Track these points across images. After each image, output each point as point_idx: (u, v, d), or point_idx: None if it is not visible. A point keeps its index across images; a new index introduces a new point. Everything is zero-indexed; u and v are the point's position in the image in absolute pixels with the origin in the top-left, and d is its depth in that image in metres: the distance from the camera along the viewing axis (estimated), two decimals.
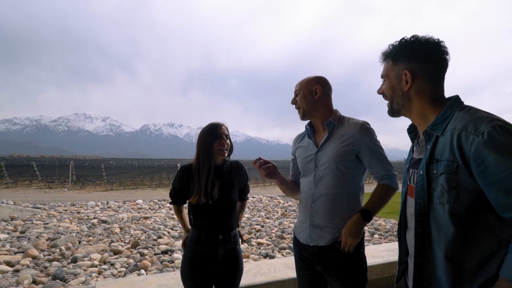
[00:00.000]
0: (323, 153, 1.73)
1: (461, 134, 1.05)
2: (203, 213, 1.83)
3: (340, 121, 1.78)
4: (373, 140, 1.69)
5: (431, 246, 1.13)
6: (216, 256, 1.83)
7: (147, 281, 2.34)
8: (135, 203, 11.80)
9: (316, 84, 1.77)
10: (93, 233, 6.82)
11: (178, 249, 5.78)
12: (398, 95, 1.26)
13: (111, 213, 9.55)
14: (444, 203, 1.08)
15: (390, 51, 1.28)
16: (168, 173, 23.07)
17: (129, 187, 19.55)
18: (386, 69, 1.30)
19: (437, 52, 1.19)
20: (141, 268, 4.68)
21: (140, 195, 15.55)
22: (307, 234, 1.73)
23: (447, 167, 1.08)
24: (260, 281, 2.37)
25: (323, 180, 1.71)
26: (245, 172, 2.07)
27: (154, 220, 8.45)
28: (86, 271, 4.51)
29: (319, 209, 1.70)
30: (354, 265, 1.65)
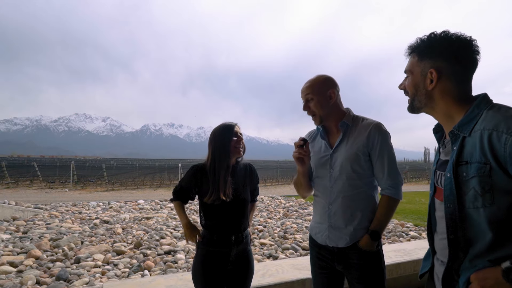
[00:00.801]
0: (338, 155, 1.72)
1: (492, 135, 0.99)
2: (216, 214, 1.82)
3: (354, 121, 1.76)
4: (384, 143, 1.66)
5: (465, 252, 1.08)
6: (229, 257, 1.82)
7: (155, 282, 2.32)
8: (137, 203, 11.79)
9: (330, 89, 1.74)
10: (95, 233, 6.81)
11: (181, 250, 5.77)
12: (421, 93, 1.20)
13: (113, 213, 9.54)
14: (479, 207, 1.03)
15: (417, 46, 1.20)
16: (169, 173, 23.05)
17: (130, 187, 19.53)
18: (411, 64, 1.23)
19: (467, 52, 1.12)
20: (144, 268, 4.66)
21: (141, 195, 15.54)
22: (326, 235, 1.73)
23: (480, 170, 1.02)
24: (269, 282, 2.35)
25: (338, 182, 1.70)
26: (257, 174, 2.07)
27: (156, 221, 8.44)
28: (89, 272, 4.50)
29: (337, 211, 1.70)
30: (373, 263, 1.66)
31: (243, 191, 1.91)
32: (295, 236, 7.05)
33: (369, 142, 1.65)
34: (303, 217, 9.60)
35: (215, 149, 1.87)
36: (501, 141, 0.97)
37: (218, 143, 1.87)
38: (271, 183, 24.31)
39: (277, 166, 27.83)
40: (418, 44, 1.20)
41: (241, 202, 1.88)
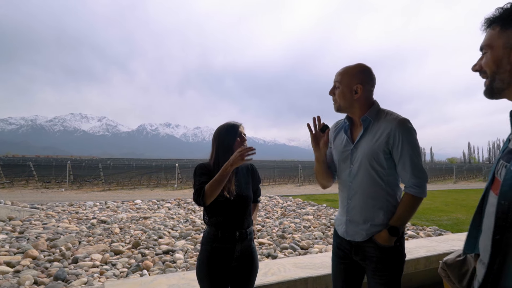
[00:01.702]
0: (358, 150, 1.69)
1: None
2: (220, 211, 1.80)
3: (377, 115, 1.68)
4: (408, 140, 1.58)
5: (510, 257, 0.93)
6: (233, 253, 1.81)
7: (156, 281, 2.31)
8: (134, 203, 11.74)
9: (358, 84, 1.66)
10: (93, 233, 6.77)
11: (179, 249, 5.74)
12: (504, 70, 0.97)
13: (110, 213, 9.49)
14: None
15: (499, 15, 0.98)
16: (166, 173, 22.97)
17: (127, 187, 19.44)
18: (491, 37, 1.00)
19: None
20: (143, 268, 4.64)
21: (138, 195, 15.47)
22: (344, 229, 1.74)
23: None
24: (271, 281, 2.35)
25: (357, 178, 1.68)
26: (259, 174, 2.06)
27: (153, 220, 8.40)
28: (87, 272, 4.47)
29: (355, 206, 1.69)
30: (390, 257, 1.65)
31: (246, 189, 1.91)
32: (294, 235, 7.05)
33: (389, 139, 1.59)
34: (301, 216, 9.60)
35: (219, 147, 1.87)
36: None
37: (222, 142, 1.87)
38: (268, 183, 24.31)
39: (274, 166, 27.85)
40: (501, 13, 0.98)
41: (244, 199, 1.87)
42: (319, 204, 12.27)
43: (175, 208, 10.89)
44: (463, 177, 33.46)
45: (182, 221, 8.54)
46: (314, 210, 10.85)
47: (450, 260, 1.79)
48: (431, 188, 19.71)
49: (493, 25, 1.00)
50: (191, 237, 6.75)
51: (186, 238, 6.66)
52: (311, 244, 6.44)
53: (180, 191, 18.23)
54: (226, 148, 1.85)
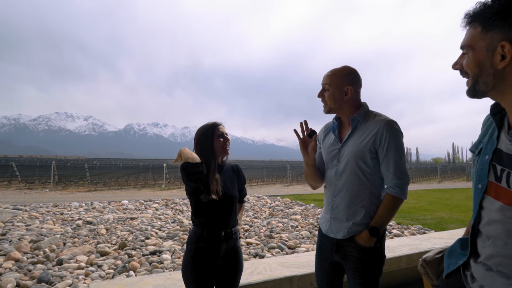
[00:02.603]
0: (345, 149, 1.73)
1: None
2: (206, 210, 1.82)
3: (366, 116, 1.73)
4: (393, 141, 1.62)
5: None
6: (218, 253, 1.83)
7: (142, 282, 2.30)
8: (121, 203, 11.60)
9: (348, 85, 1.71)
10: (78, 234, 6.67)
11: (166, 250, 5.71)
12: (487, 73, 0.95)
13: (96, 214, 9.36)
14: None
15: (480, 12, 0.95)
16: (153, 173, 22.75)
17: (114, 187, 19.17)
18: (472, 37, 0.97)
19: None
20: (129, 269, 4.60)
21: (125, 195, 15.28)
22: (328, 226, 1.79)
23: None
24: (257, 280, 2.38)
25: (343, 176, 1.72)
26: (244, 175, 2.09)
27: (140, 221, 8.33)
28: (72, 274, 4.40)
29: (339, 204, 1.74)
30: (370, 258, 1.69)
31: (232, 188, 1.93)
32: (281, 235, 7.10)
33: (376, 139, 1.63)
34: (289, 216, 9.67)
35: (201, 148, 1.88)
36: None
37: (203, 143, 1.88)
38: (256, 183, 24.35)
39: (262, 166, 27.90)
40: (482, 9, 0.94)
41: (230, 198, 1.89)
42: (306, 204, 12.36)
43: (163, 209, 10.81)
44: (447, 177, 34.21)
45: (169, 221, 8.49)
46: (302, 210, 10.93)
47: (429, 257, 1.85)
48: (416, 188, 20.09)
49: (474, 23, 0.97)
50: (178, 237, 6.72)
51: (174, 239, 6.62)
52: (298, 244, 6.50)
53: (168, 191, 18.08)
54: (209, 147, 1.86)
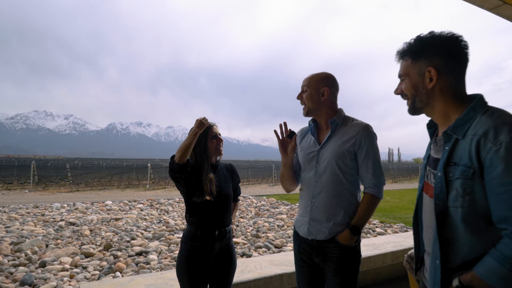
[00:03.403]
0: (325, 151, 1.79)
1: (480, 141, 1.04)
2: (200, 210, 1.83)
3: (344, 120, 1.83)
4: (371, 144, 1.74)
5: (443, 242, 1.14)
6: (212, 252, 1.85)
7: (134, 281, 2.30)
8: (104, 204, 11.40)
9: (324, 86, 1.79)
10: (61, 236, 6.52)
11: (153, 250, 5.67)
12: (421, 93, 1.22)
13: (79, 215, 9.17)
14: (458, 207, 1.09)
15: (408, 49, 1.23)
16: (137, 173, 22.41)
17: (96, 188, 18.76)
18: (406, 67, 1.24)
19: (459, 47, 1.16)
20: (116, 270, 4.55)
21: (108, 196, 15.00)
22: (306, 228, 1.80)
23: (464, 173, 1.08)
24: (248, 278, 2.42)
25: (323, 177, 1.77)
26: (238, 174, 2.11)
27: (125, 222, 8.22)
28: (56, 276, 4.31)
29: (319, 205, 1.77)
30: (349, 258, 1.74)
31: (226, 187, 1.96)
32: (268, 234, 7.15)
33: (356, 142, 1.72)
34: (275, 216, 9.74)
35: (195, 149, 1.89)
36: (486, 148, 1.03)
37: (197, 144, 1.88)
38: (242, 182, 24.35)
39: (248, 166, 27.92)
40: (409, 47, 1.22)
41: (224, 197, 1.92)
42: (292, 204, 12.48)
43: (148, 209, 10.69)
44: None
45: (155, 222, 8.41)
46: (288, 210, 11.03)
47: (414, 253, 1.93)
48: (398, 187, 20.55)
49: (405, 57, 1.24)
50: (164, 238, 6.67)
51: (160, 239, 6.57)
52: (285, 243, 6.57)
53: (152, 191, 17.86)
54: (202, 148, 1.89)
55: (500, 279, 0.99)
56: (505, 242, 1.00)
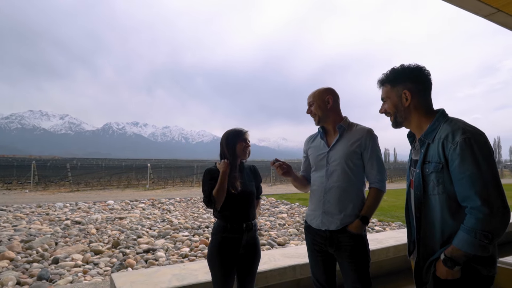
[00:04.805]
0: (334, 152, 2.02)
1: (444, 143, 1.39)
2: (228, 205, 2.02)
3: (349, 126, 2.07)
4: (375, 146, 2.00)
5: (426, 224, 1.48)
6: (241, 242, 2.04)
7: (160, 272, 2.48)
8: (106, 204, 11.54)
9: (328, 95, 2.06)
10: (68, 234, 6.68)
11: (160, 248, 5.84)
12: (400, 111, 1.57)
13: (82, 214, 9.31)
14: (435, 194, 1.43)
15: (386, 78, 1.59)
16: (136, 174, 22.50)
17: (96, 187, 18.85)
18: (386, 92, 1.60)
19: (424, 75, 1.53)
20: (127, 266, 4.72)
21: (108, 195, 15.12)
22: (319, 220, 2.02)
23: (435, 167, 1.41)
24: (265, 269, 2.62)
25: (333, 175, 2.00)
26: (259, 174, 2.31)
27: (130, 221, 8.37)
28: (70, 271, 4.48)
29: (330, 199, 1.99)
30: (360, 246, 1.95)
31: (250, 186, 2.16)
32: (270, 232, 7.35)
33: (362, 144, 1.97)
34: (275, 215, 9.94)
35: (226, 150, 2.11)
36: (447, 147, 1.37)
37: (228, 145, 2.11)
38: None
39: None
40: (387, 76, 1.59)
41: (249, 194, 2.12)
42: (292, 203, 12.68)
43: (150, 209, 10.85)
44: None
45: (159, 220, 8.58)
46: (288, 209, 11.24)
47: None
48: (395, 187, 20.81)
49: (385, 84, 1.60)
50: (170, 236, 6.84)
51: (166, 237, 6.74)
52: (287, 240, 6.77)
53: (152, 191, 17.99)
54: (233, 149, 2.09)
55: (470, 245, 1.29)
56: (468, 216, 1.32)
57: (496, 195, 1.27)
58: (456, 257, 1.33)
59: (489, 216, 1.26)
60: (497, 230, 1.27)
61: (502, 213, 1.26)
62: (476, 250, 1.29)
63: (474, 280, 1.37)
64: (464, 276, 1.37)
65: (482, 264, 1.35)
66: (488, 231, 1.26)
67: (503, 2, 2.94)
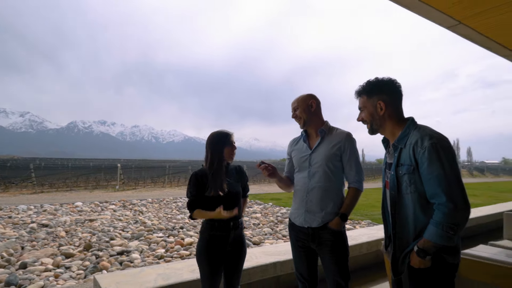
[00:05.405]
0: (316, 154, 2.15)
1: (414, 147, 1.57)
2: (216, 205, 2.07)
3: (330, 129, 2.21)
4: (354, 148, 2.15)
5: (401, 220, 1.65)
6: (228, 240, 2.11)
7: (144, 272, 2.48)
8: (74, 205, 11.11)
9: (311, 100, 2.20)
10: (35, 237, 6.40)
11: (134, 250, 5.74)
12: (376, 119, 1.74)
13: (49, 216, 8.92)
14: (408, 193, 1.60)
15: (363, 89, 1.76)
16: (105, 174, 21.73)
17: (62, 189, 18.01)
18: (363, 102, 1.77)
19: (396, 87, 1.71)
20: (101, 269, 4.61)
21: (76, 197, 14.53)
22: (302, 218, 2.14)
23: (408, 169, 1.59)
24: (248, 266, 2.69)
25: (315, 176, 2.13)
26: (246, 174, 2.39)
27: (101, 222, 8.14)
28: (40, 276, 4.31)
29: (313, 199, 2.12)
30: (340, 241, 2.10)
31: (236, 186, 2.23)
32: (245, 232, 7.42)
33: (341, 147, 2.12)
34: (249, 214, 10.03)
35: (213, 153, 2.15)
36: (417, 151, 1.55)
37: (215, 148, 2.16)
38: None
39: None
40: (363, 87, 1.76)
41: (236, 194, 2.19)
42: (265, 203, 12.84)
43: (121, 210, 10.58)
44: None
45: (131, 222, 8.39)
46: (261, 209, 11.37)
47: None
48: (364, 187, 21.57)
49: (362, 95, 1.77)
50: (144, 237, 6.73)
51: (139, 239, 6.63)
52: (263, 240, 6.88)
53: (122, 192, 17.49)
54: (220, 152, 2.15)
55: (439, 237, 1.46)
56: (436, 211, 1.49)
57: (458, 193, 1.46)
58: (427, 248, 1.50)
59: (454, 211, 1.43)
60: (460, 222, 1.46)
61: (464, 208, 1.45)
62: (444, 241, 1.46)
63: (442, 268, 1.55)
64: (434, 265, 1.54)
65: (448, 253, 1.53)
66: (453, 223, 1.44)
67: (464, 15, 3.20)
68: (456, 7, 2.89)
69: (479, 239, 4.38)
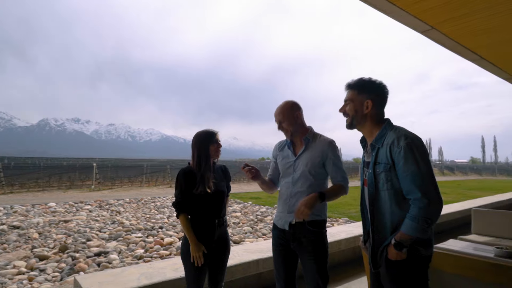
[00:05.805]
0: (300, 161, 2.23)
1: (391, 147, 1.66)
2: (202, 204, 2.10)
3: (313, 137, 2.28)
4: (336, 155, 2.23)
5: (378, 216, 1.75)
6: (213, 237, 2.14)
7: (127, 271, 2.45)
8: (47, 206, 10.73)
9: (297, 111, 2.26)
10: (6, 240, 6.15)
11: (112, 251, 5.63)
12: (359, 115, 1.81)
13: (20, 218, 8.57)
14: (385, 189, 1.70)
15: (355, 84, 1.82)
16: (80, 173, 21.06)
17: (34, 189, 17.30)
18: (352, 95, 1.82)
19: (385, 91, 1.80)
20: (78, 271, 4.50)
21: (48, 197, 14.02)
22: (284, 220, 2.21)
23: (384, 167, 1.68)
24: (231, 264, 2.71)
25: (298, 182, 2.21)
26: (230, 174, 2.42)
27: (76, 223, 7.92)
28: (13, 279, 4.16)
29: (296, 203, 2.18)
30: (319, 242, 2.15)
31: (221, 185, 2.27)
32: None
33: (324, 154, 2.19)
34: (229, 214, 10.05)
35: (200, 152, 2.18)
36: (394, 150, 1.65)
37: (203, 147, 2.18)
38: None
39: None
40: (356, 82, 1.81)
41: (220, 193, 2.23)
42: (245, 202, 12.89)
43: (97, 210, 10.32)
44: None
45: (108, 222, 8.21)
46: (241, 208, 11.41)
47: None
48: None
49: (353, 88, 1.82)
50: (122, 238, 6.61)
51: (118, 239, 6.51)
52: (243, 238, 6.92)
53: (98, 192, 17.02)
54: (206, 151, 2.17)
55: (414, 230, 1.57)
56: (412, 206, 1.59)
57: (432, 189, 1.57)
58: (404, 240, 1.61)
59: (428, 205, 1.55)
60: (434, 216, 1.58)
61: (437, 202, 1.57)
62: (419, 233, 1.58)
63: (416, 260, 1.66)
64: (409, 257, 1.64)
65: (422, 246, 1.64)
66: (427, 217, 1.55)
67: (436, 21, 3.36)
68: (429, 13, 3.04)
69: (449, 234, 4.62)
